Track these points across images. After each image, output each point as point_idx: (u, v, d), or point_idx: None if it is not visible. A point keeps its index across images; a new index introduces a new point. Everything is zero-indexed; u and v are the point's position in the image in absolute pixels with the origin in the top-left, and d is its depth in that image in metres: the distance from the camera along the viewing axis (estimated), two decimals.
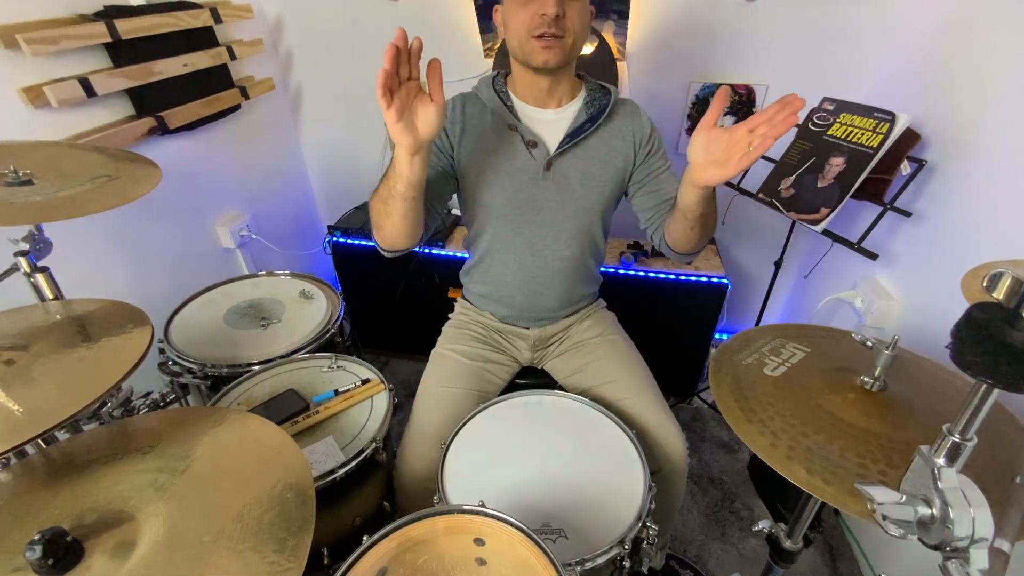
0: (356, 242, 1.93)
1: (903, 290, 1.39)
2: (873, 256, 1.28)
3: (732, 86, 1.71)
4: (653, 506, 0.87)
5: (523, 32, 0.93)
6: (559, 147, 1.04)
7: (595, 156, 1.06)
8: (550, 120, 1.05)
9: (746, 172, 1.63)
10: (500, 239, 1.11)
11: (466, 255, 1.26)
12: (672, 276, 1.71)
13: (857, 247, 1.30)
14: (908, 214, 1.29)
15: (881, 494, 0.51)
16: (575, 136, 1.03)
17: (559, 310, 1.20)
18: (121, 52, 1.38)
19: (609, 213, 1.14)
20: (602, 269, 1.27)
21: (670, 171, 1.10)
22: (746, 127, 0.76)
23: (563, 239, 1.10)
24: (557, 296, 1.17)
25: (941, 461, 0.48)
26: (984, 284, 0.75)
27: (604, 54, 1.63)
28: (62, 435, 0.94)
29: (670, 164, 1.11)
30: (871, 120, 1.30)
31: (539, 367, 1.27)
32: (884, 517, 0.49)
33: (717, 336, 2.04)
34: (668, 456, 1.04)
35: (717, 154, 0.79)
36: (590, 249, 1.14)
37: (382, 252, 1.03)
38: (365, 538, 0.69)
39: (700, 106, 1.76)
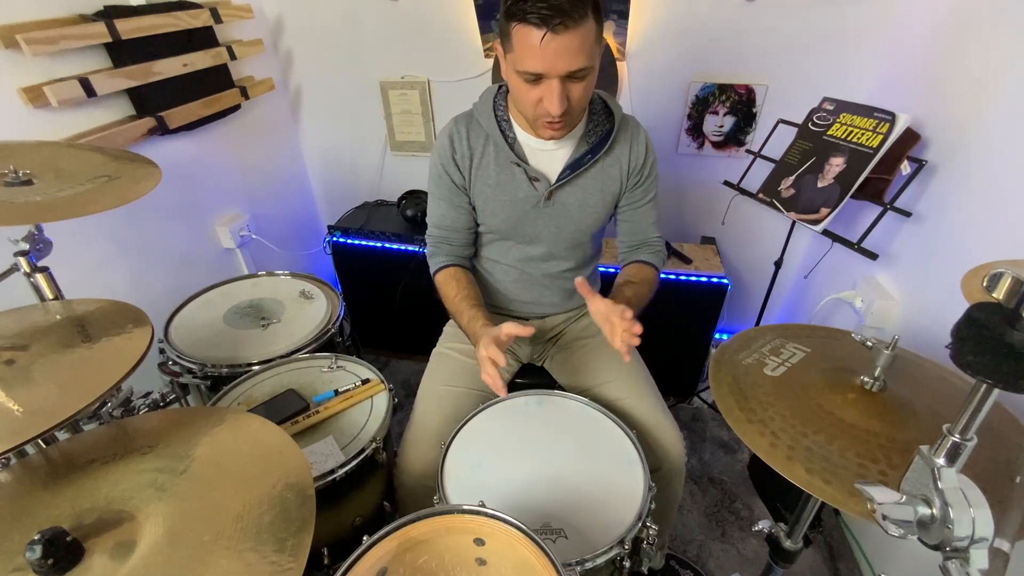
0: (356, 242, 1.93)
1: (903, 290, 1.39)
2: (873, 256, 1.28)
3: (732, 86, 1.71)
4: (653, 506, 0.87)
5: (527, 111, 0.92)
6: (558, 180, 1.04)
7: (592, 186, 1.06)
8: (550, 150, 1.04)
9: (746, 172, 1.64)
10: (500, 255, 1.16)
11: None
12: (672, 276, 1.70)
13: (857, 247, 1.30)
14: (908, 214, 1.28)
15: (881, 494, 0.51)
16: (574, 169, 1.03)
17: (558, 309, 1.24)
18: (121, 52, 1.38)
19: (603, 229, 1.17)
20: (602, 269, 1.28)
21: (651, 204, 1.12)
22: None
23: (559, 255, 1.14)
24: (555, 304, 1.23)
25: (941, 461, 0.48)
26: (984, 284, 0.75)
27: (604, 54, 1.63)
28: (62, 435, 0.94)
29: (654, 195, 1.12)
30: (871, 120, 1.31)
31: (539, 364, 1.28)
32: (884, 517, 0.49)
33: (717, 336, 2.04)
34: (667, 454, 1.05)
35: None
36: (583, 260, 1.19)
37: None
38: (365, 538, 0.69)
39: (700, 106, 1.76)
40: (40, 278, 0.96)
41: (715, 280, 1.70)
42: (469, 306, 1.04)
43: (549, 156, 1.04)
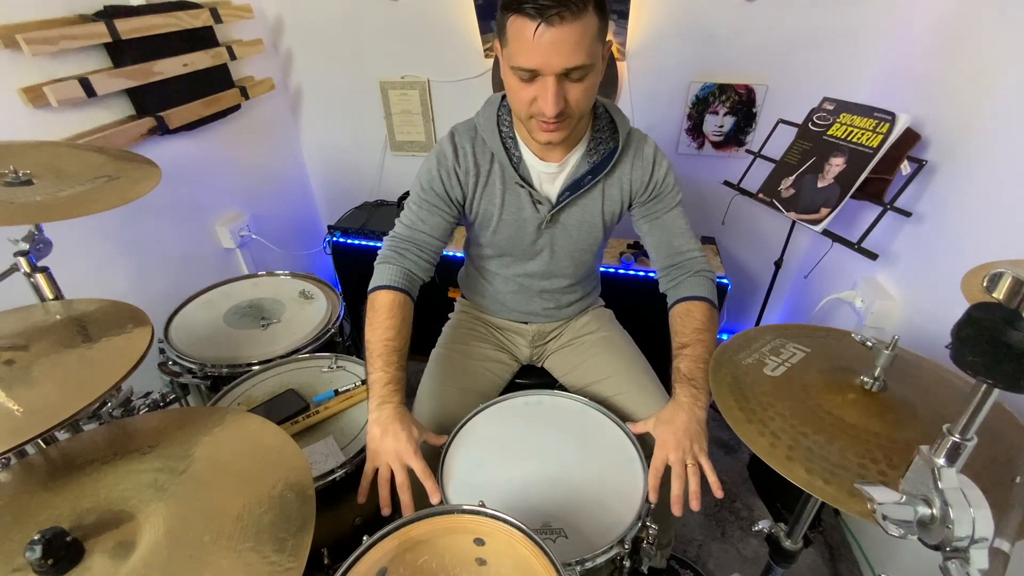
0: (356, 242, 1.93)
1: (903, 290, 1.39)
2: (873, 256, 1.28)
3: (732, 86, 1.71)
4: (653, 505, 0.86)
5: (521, 111, 0.87)
6: (558, 202, 1.01)
7: (593, 206, 1.04)
8: (553, 172, 1.00)
9: (746, 172, 1.64)
10: (499, 268, 1.16)
11: (463, 254, 1.27)
12: None
13: (857, 247, 1.30)
14: (908, 214, 1.28)
15: (881, 494, 0.51)
16: (574, 190, 1.00)
17: (555, 317, 1.24)
18: (121, 52, 1.38)
19: (603, 245, 1.16)
20: (602, 269, 1.28)
21: (676, 212, 1.05)
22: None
23: (558, 272, 1.14)
24: (552, 314, 1.22)
25: (941, 461, 0.48)
26: (984, 284, 0.75)
27: None
28: (62, 435, 0.94)
29: (678, 203, 1.05)
30: (871, 120, 1.31)
31: (538, 365, 1.28)
32: (884, 517, 0.49)
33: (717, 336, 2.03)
34: None
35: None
36: (582, 275, 1.18)
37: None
38: (365, 538, 0.69)
39: (700, 106, 1.76)
40: (40, 278, 0.96)
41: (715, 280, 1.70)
42: (393, 364, 0.95)
43: (551, 178, 1.01)
